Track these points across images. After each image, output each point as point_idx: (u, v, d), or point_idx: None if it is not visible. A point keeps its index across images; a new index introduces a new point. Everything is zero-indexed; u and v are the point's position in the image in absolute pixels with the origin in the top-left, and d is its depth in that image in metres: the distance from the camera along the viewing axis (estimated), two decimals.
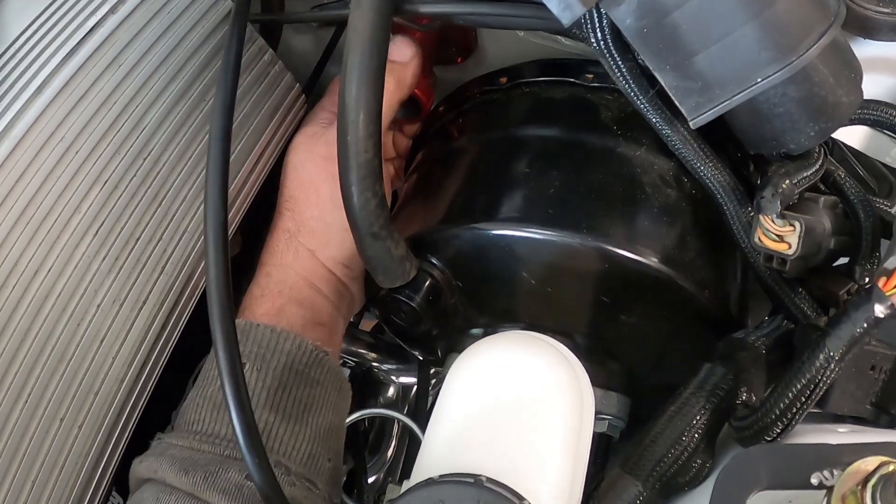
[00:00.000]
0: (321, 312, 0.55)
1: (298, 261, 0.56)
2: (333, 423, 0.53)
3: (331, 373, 0.53)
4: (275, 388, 0.50)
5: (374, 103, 0.46)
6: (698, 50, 0.45)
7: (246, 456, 0.42)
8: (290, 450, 0.50)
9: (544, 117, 0.53)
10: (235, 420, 0.42)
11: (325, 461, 0.51)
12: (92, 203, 0.49)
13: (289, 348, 0.51)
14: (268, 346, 0.51)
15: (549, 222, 0.48)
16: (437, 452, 0.43)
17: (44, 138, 0.47)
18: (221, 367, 0.43)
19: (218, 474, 0.47)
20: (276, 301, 0.54)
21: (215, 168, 0.45)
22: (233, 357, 0.43)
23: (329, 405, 0.53)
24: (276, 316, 0.53)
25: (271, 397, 0.50)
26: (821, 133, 0.49)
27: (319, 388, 0.52)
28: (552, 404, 0.42)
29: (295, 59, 0.65)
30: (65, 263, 0.48)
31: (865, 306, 0.43)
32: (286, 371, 0.51)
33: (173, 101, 0.51)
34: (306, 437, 0.50)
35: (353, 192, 0.47)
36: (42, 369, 0.47)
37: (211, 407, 0.50)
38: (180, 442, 0.49)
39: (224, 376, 0.43)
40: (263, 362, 0.51)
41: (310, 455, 0.50)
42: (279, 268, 0.56)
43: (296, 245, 0.56)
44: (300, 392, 0.51)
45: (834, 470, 0.39)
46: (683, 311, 0.50)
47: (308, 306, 0.55)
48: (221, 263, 0.44)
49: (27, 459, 0.47)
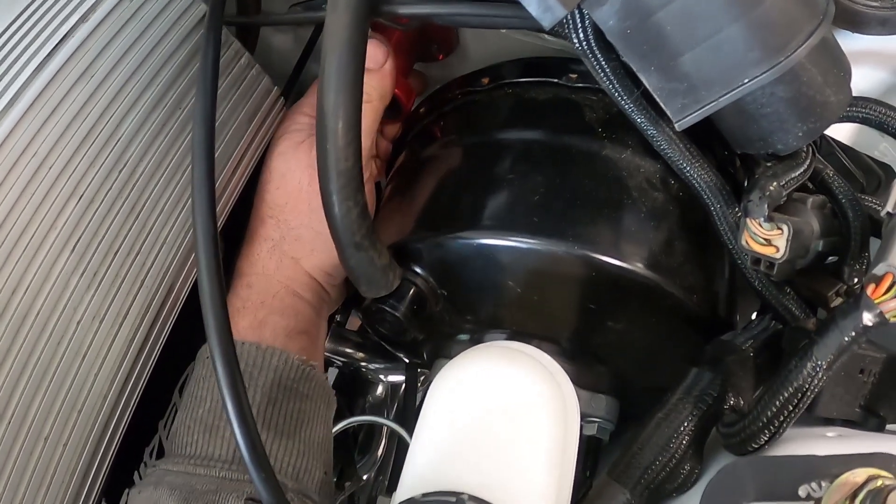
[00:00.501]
0: (304, 320, 0.55)
1: (282, 270, 0.55)
2: (324, 436, 0.53)
3: (318, 386, 0.53)
4: (264, 405, 0.50)
5: (352, 110, 0.45)
6: (683, 51, 0.44)
7: (254, 476, 0.42)
8: (285, 465, 0.49)
9: (527, 120, 0.52)
10: (240, 439, 0.42)
11: (319, 473, 0.51)
12: (68, 218, 0.47)
13: (276, 364, 0.51)
14: (255, 364, 0.51)
15: (533, 230, 0.47)
16: (420, 468, 0.42)
17: (16, 155, 0.46)
18: (223, 388, 0.42)
19: (217, 502, 0.46)
20: (259, 313, 0.53)
21: (201, 177, 0.45)
22: (233, 376, 0.42)
23: (319, 418, 0.52)
24: (258, 328, 0.53)
25: (261, 414, 0.50)
26: (809, 133, 0.48)
27: (308, 402, 0.52)
28: (534, 417, 0.42)
29: (274, 58, 0.63)
30: (43, 281, 0.47)
31: (853, 314, 0.42)
32: (274, 387, 0.50)
33: (149, 109, 0.50)
34: (299, 451, 0.50)
35: (334, 201, 0.46)
36: (24, 388, 0.46)
37: (202, 429, 0.50)
38: (176, 468, 0.49)
39: (226, 397, 0.42)
40: (251, 380, 0.50)
41: (304, 469, 0.50)
42: (261, 277, 0.55)
43: (279, 254, 0.55)
44: (290, 407, 0.51)
45: (822, 482, 0.39)
46: (671, 316, 0.50)
47: (291, 315, 0.54)
48: (216, 284, 0.43)
49: (12, 481, 0.46)
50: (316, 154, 0.46)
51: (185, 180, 0.52)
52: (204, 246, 0.44)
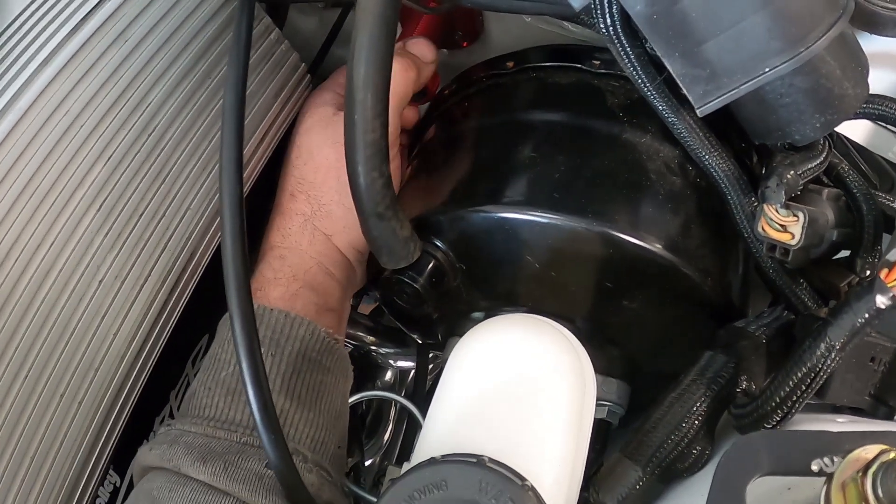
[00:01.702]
0: (332, 298, 0.55)
1: (315, 245, 0.55)
2: (341, 410, 0.53)
3: (340, 360, 0.53)
4: (289, 374, 0.50)
5: (382, 83, 0.46)
6: (707, 38, 0.45)
7: (266, 443, 0.42)
8: (305, 437, 0.49)
9: (550, 102, 0.53)
10: (254, 406, 0.42)
11: (334, 448, 0.51)
12: (95, 178, 0.48)
13: (302, 334, 0.51)
14: (282, 332, 0.51)
15: (554, 206, 0.48)
16: (440, 432, 0.43)
17: (48, 112, 0.47)
18: (239, 351, 0.42)
19: (238, 464, 0.46)
20: (292, 285, 0.53)
21: (230, 142, 0.45)
22: (251, 341, 0.42)
23: (337, 392, 0.52)
24: (290, 301, 0.53)
25: (286, 383, 0.49)
26: (826, 125, 0.49)
27: (330, 375, 0.52)
28: (556, 386, 0.42)
29: (299, 41, 0.64)
30: (67, 239, 0.47)
31: (867, 297, 0.43)
32: (299, 357, 0.50)
33: (179, 76, 0.51)
34: (318, 423, 0.50)
35: (360, 171, 0.47)
36: (42, 345, 0.47)
37: (224, 392, 0.49)
38: (194, 429, 0.48)
39: (242, 361, 0.42)
40: (278, 347, 0.50)
41: (322, 442, 0.50)
42: (294, 251, 0.55)
43: (311, 229, 0.55)
44: (313, 379, 0.51)
45: (834, 457, 0.39)
46: (686, 298, 0.50)
47: (321, 292, 0.54)
48: (238, 242, 0.44)
49: (26, 435, 0.46)
50: (343, 124, 0.47)
51: (212, 149, 0.52)
52: (229, 205, 0.44)
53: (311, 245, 0.55)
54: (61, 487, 0.49)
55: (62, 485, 0.49)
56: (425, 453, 0.41)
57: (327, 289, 0.55)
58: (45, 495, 0.48)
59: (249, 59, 0.50)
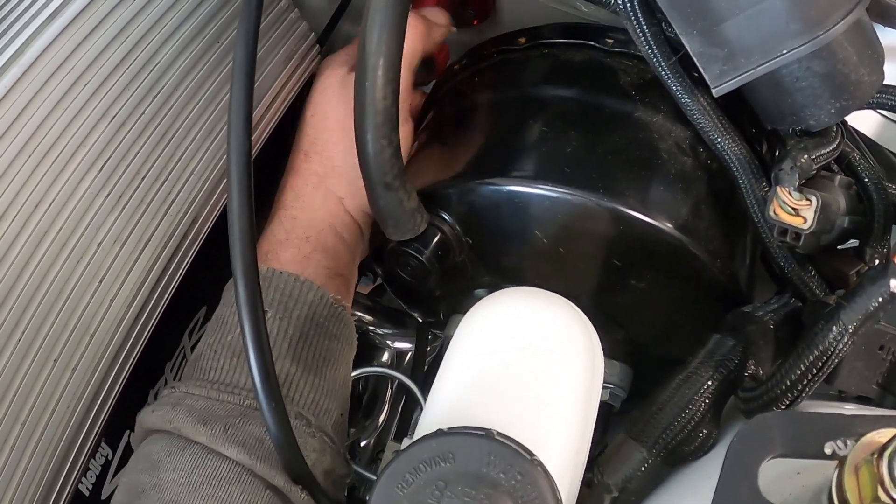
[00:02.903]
0: (342, 263, 0.54)
1: (327, 205, 0.54)
2: (346, 378, 0.52)
3: (346, 327, 0.52)
4: (296, 338, 0.49)
5: (394, 50, 0.45)
6: (727, 17, 0.45)
7: (265, 409, 0.41)
8: (310, 402, 0.48)
9: (563, 78, 0.53)
10: (254, 367, 0.41)
11: (337, 415, 0.50)
12: (98, 138, 0.47)
13: (311, 299, 0.50)
14: (290, 295, 0.50)
15: (565, 180, 0.47)
16: (446, 404, 0.42)
17: (52, 68, 0.46)
18: (242, 313, 0.42)
19: (238, 426, 0.45)
20: (304, 247, 0.53)
21: (239, 97, 0.44)
22: (255, 302, 0.42)
23: (343, 359, 0.52)
24: (302, 263, 0.52)
25: (293, 347, 0.49)
26: (841, 110, 0.49)
27: (336, 342, 0.51)
28: (568, 360, 0.42)
29: (307, 16, 0.63)
30: (67, 198, 0.46)
31: (881, 280, 0.43)
32: (307, 322, 0.50)
33: (188, 39, 0.50)
34: (323, 390, 0.49)
35: (368, 139, 0.46)
36: (38, 307, 0.46)
37: (230, 355, 0.48)
38: (197, 391, 0.47)
39: (245, 322, 0.42)
40: (286, 311, 0.49)
41: (326, 409, 0.49)
42: (307, 211, 0.54)
43: (324, 190, 0.54)
44: (320, 344, 0.50)
45: (847, 440, 0.39)
46: (694, 279, 0.50)
47: (332, 255, 0.53)
48: (245, 201, 0.43)
49: (18, 400, 0.45)
50: (354, 91, 0.46)
51: (218, 113, 0.51)
52: (236, 160, 0.44)
53: (324, 206, 0.54)
54: (52, 456, 0.47)
55: (53, 453, 0.47)
56: (430, 425, 0.40)
57: (338, 252, 0.54)
58: (36, 463, 0.46)
59: (260, 24, 0.49)
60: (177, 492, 0.44)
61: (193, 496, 0.44)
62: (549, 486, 0.38)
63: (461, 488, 0.38)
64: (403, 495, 0.38)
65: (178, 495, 0.44)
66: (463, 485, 0.38)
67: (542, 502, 0.38)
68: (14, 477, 0.45)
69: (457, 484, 0.38)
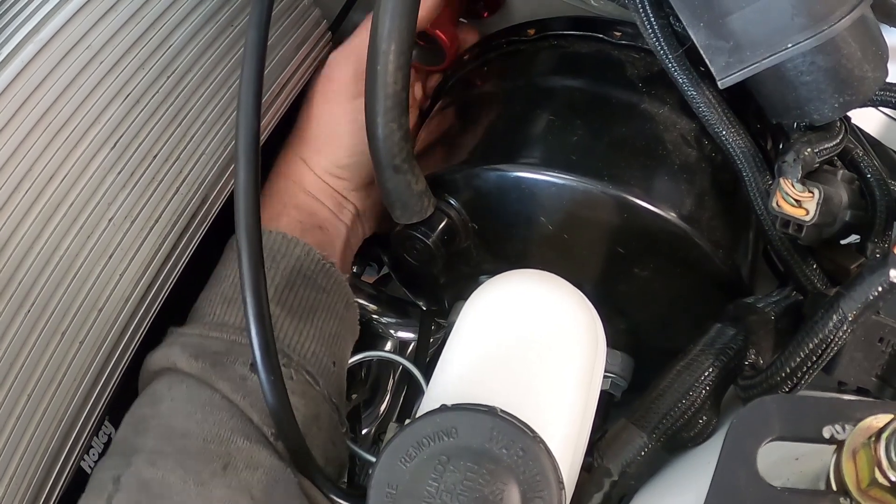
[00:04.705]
0: (319, 217, 0.57)
1: (292, 168, 0.57)
2: (339, 332, 0.54)
3: (337, 283, 0.54)
4: (282, 286, 0.52)
5: (405, 35, 0.46)
6: (733, 10, 0.45)
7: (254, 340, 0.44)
8: (294, 343, 0.51)
9: (570, 69, 0.54)
10: (250, 308, 0.44)
11: (328, 363, 0.52)
12: (112, 115, 0.48)
13: (298, 253, 0.53)
14: (278, 250, 0.52)
15: (571, 168, 0.48)
16: (449, 383, 0.42)
17: (68, 46, 0.47)
18: (242, 262, 0.44)
19: (225, 364, 0.48)
20: (276, 207, 0.55)
21: (249, 79, 0.45)
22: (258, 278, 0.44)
23: (334, 314, 0.53)
24: (275, 219, 0.55)
25: (278, 293, 0.51)
26: (844, 105, 0.49)
27: (325, 294, 0.53)
28: (572, 342, 0.42)
29: (320, 3, 0.64)
30: (79, 173, 0.47)
31: (881, 270, 0.43)
32: (294, 272, 0.52)
33: (202, 21, 0.51)
34: (310, 336, 0.51)
35: (379, 122, 0.47)
36: (47, 280, 0.46)
37: (222, 300, 0.51)
38: (191, 331, 0.50)
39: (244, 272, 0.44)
40: (273, 262, 0.52)
41: (313, 353, 0.51)
42: (278, 176, 0.57)
43: (290, 154, 0.57)
44: (307, 294, 0.52)
45: (846, 425, 0.39)
46: (696, 268, 0.50)
47: (305, 210, 0.56)
48: (252, 168, 0.44)
49: (24, 372, 0.45)
50: (365, 75, 0.47)
51: (230, 96, 0.52)
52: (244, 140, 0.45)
53: (290, 168, 0.57)
54: (56, 429, 0.47)
55: (58, 426, 0.47)
56: (433, 403, 0.41)
57: (311, 208, 0.56)
58: (40, 435, 0.47)
59: (273, 8, 0.49)
60: (173, 417, 0.47)
61: (188, 421, 0.46)
62: (550, 463, 0.38)
63: (464, 463, 0.38)
64: (406, 469, 0.39)
65: (174, 420, 0.46)
66: (465, 459, 0.38)
67: (544, 478, 0.38)
68: (18, 448, 0.45)
69: (459, 459, 0.38)
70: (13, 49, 0.45)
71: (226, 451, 0.46)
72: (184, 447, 0.45)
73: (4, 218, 0.44)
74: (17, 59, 0.45)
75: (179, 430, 0.46)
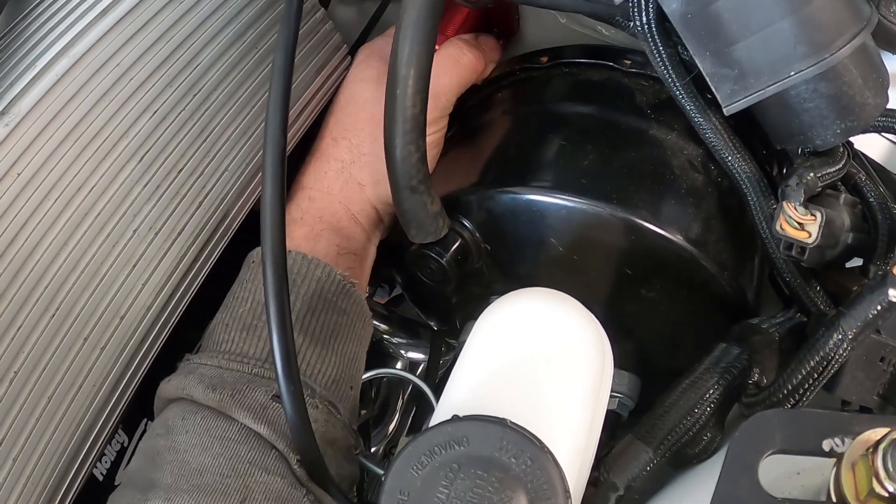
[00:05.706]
0: (355, 242, 0.56)
1: (346, 191, 0.56)
2: (357, 353, 0.54)
3: (356, 304, 0.54)
4: (304, 312, 0.51)
5: (424, 61, 0.48)
6: (738, 39, 0.47)
7: (280, 378, 0.43)
8: (316, 372, 0.50)
9: (581, 96, 0.55)
10: (275, 337, 0.43)
11: (346, 388, 0.52)
12: (140, 130, 0.50)
13: (319, 275, 0.52)
14: (298, 272, 0.52)
15: (581, 191, 0.50)
16: (460, 397, 0.43)
17: (100, 62, 0.49)
18: (268, 288, 0.44)
19: (245, 392, 0.48)
20: (316, 226, 0.55)
21: (277, 97, 0.47)
22: (280, 278, 0.44)
23: (354, 335, 0.53)
24: (313, 240, 0.54)
25: (300, 320, 0.51)
26: (846, 131, 0.51)
27: (345, 316, 0.53)
28: (580, 358, 0.43)
29: (340, 28, 0.66)
30: (107, 185, 0.49)
31: (881, 290, 0.45)
32: (315, 297, 0.52)
33: (229, 42, 0.53)
34: (332, 362, 0.51)
35: (397, 144, 0.49)
36: (72, 287, 0.47)
37: (240, 327, 0.51)
38: (209, 361, 0.50)
39: (269, 297, 0.44)
40: (293, 286, 0.51)
41: (334, 380, 0.51)
42: (325, 194, 0.56)
43: (346, 176, 0.57)
44: (328, 318, 0.52)
45: (845, 438, 0.40)
46: (703, 290, 0.52)
47: (345, 235, 0.56)
48: (279, 181, 0.45)
49: (47, 374, 0.47)
50: (385, 99, 0.49)
51: (255, 113, 0.54)
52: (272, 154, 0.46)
53: (342, 191, 0.56)
54: (74, 432, 0.49)
55: (76, 430, 0.49)
56: (446, 413, 0.42)
57: (352, 233, 0.56)
58: (58, 438, 0.48)
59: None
60: (189, 452, 0.46)
61: (205, 455, 0.46)
62: (557, 473, 0.39)
63: (474, 471, 0.39)
64: (418, 476, 0.40)
65: (190, 455, 0.46)
66: (475, 468, 0.39)
67: (551, 487, 0.39)
68: (36, 449, 0.46)
69: (470, 467, 0.39)
70: (48, 62, 0.47)
71: (244, 484, 0.46)
72: (200, 484, 0.45)
73: (34, 225, 0.46)
74: (51, 72, 0.47)
75: (196, 465, 0.46)
